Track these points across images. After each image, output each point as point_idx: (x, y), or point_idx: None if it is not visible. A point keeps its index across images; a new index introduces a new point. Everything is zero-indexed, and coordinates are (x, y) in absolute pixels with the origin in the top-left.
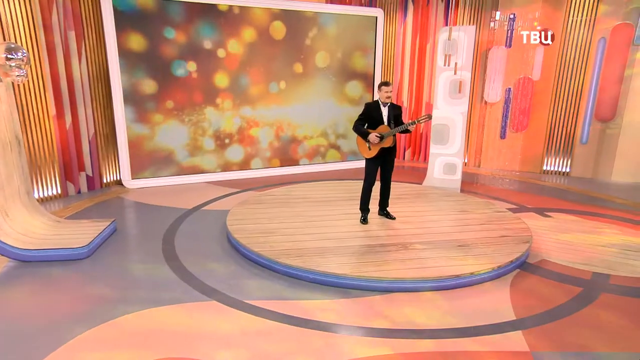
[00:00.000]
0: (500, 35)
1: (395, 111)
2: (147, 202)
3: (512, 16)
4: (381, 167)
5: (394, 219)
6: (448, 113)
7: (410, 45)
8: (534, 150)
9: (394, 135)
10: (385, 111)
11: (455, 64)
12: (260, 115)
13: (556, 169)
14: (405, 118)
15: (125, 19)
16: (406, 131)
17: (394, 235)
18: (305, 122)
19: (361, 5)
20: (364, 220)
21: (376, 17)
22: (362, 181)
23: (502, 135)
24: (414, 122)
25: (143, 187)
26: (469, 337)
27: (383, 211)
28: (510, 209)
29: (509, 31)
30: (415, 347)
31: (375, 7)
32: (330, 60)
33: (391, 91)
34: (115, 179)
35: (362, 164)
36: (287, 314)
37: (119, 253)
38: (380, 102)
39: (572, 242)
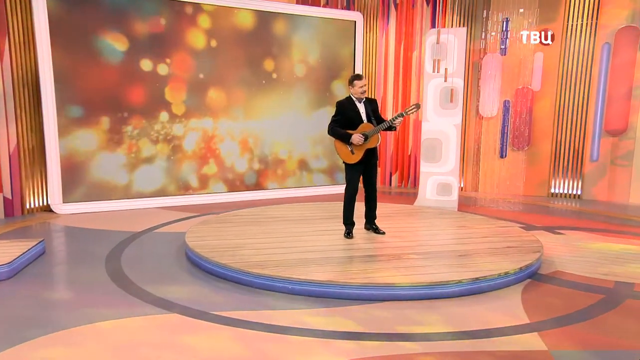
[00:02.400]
0: (493, 42)
1: (373, 105)
2: (84, 226)
3: (505, 20)
4: (364, 172)
5: (384, 233)
6: (439, 126)
7: (394, 55)
8: (539, 170)
9: (379, 133)
10: (362, 108)
11: (446, 69)
12: (225, 130)
13: (566, 191)
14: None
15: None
16: (391, 128)
17: (385, 247)
18: (278, 137)
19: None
20: (349, 234)
21: (355, 22)
22: (343, 192)
23: (502, 154)
24: (401, 115)
25: (78, 213)
26: (478, 338)
27: (371, 225)
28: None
29: (503, 37)
30: (418, 349)
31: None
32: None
33: (366, 84)
34: (42, 203)
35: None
36: (263, 322)
37: (48, 275)
38: (354, 99)
39: (590, 256)
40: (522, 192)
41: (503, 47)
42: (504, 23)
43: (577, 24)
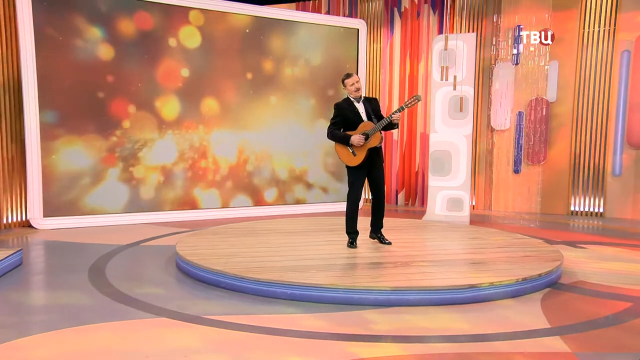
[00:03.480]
0: (505, 51)
1: (373, 105)
2: (67, 240)
3: (517, 28)
4: (369, 176)
5: (390, 243)
6: (449, 136)
7: (399, 66)
8: (556, 187)
9: (380, 132)
10: (361, 107)
11: (455, 77)
12: (219, 141)
13: (586, 209)
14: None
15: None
16: (393, 125)
17: (391, 255)
18: (275, 149)
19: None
20: (352, 244)
21: (358, 30)
22: (346, 197)
23: (516, 170)
24: (401, 109)
25: (61, 229)
26: (497, 341)
27: (376, 234)
28: None
29: (516, 45)
30: (430, 350)
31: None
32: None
33: (358, 81)
34: (20, 218)
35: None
36: (258, 325)
37: (25, 282)
38: (352, 99)
39: (616, 267)
40: (539, 210)
41: (515, 54)
42: (516, 30)
43: (593, 31)
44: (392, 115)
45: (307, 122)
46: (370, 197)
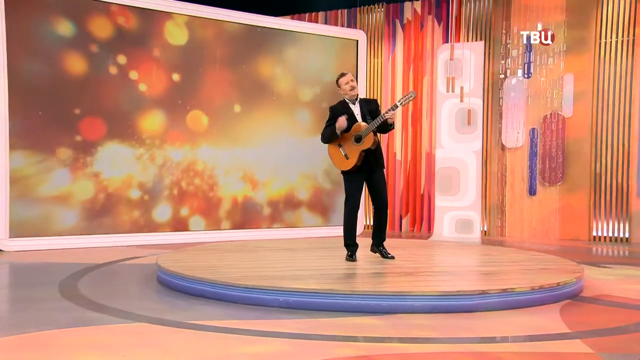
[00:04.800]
0: (515, 62)
1: (371, 106)
2: (36, 260)
3: (528, 39)
4: (368, 182)
5: (393, 258)
6: (456, 152)
7: (402, 81)
8: (576, 209)
9: (375, 134)
10: (356, 109)
11: (461, 88)
12: (204, 158)
13: (610, 234)
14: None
15: None
16: (387, 126)
17: (395, 267)
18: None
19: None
20: (351, 257)
21: (357, 42)
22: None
23: (532, 191)
24: (395, 107)
25: (29, 250)
26: (515, 342)
27: (378, 247)
28: None
29: (527, 57)
30: (439, 349)
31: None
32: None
33: (353, 80)
34: None
35: None
36: (247, 328)
37: None
38: (347, 100)
39: None
40: (557, 235)
41: (526, 66)
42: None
43: (611, 41)
44: (385, 114)
45: (301, 137)
46: (371, 223)
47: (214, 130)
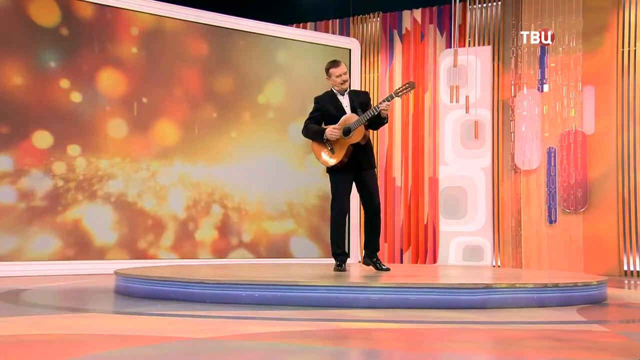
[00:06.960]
0: (528, 76)
1: (361, 98)
2: None
3: (541, 49)
4: (357, 182)
5: (388, 269)
6: (462, 170)
7: (400, 98)
8: (603, 239)
9: (366, 128)
10: (345, 100)
11: (467, 98)
12: (176, 177)
13: None
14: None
15: None
16: (380, 120)
17: (390, 276)
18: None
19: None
20: (340, 267)
21: (350, 51)
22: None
23: (551, 219)
24: (390, 97)
25: None
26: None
27: (372, 258)
28: None
29: (541, 69)
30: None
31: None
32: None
33: (346, 72)
34: None
35: None
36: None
37: None
38: (335, 91)
39: None
40: (582, 269)
41: (540, 79)
42: (540, 52)
43: (633, 50)
44: (380, 105)
45: (289, 156)
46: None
47: (190, 146)
